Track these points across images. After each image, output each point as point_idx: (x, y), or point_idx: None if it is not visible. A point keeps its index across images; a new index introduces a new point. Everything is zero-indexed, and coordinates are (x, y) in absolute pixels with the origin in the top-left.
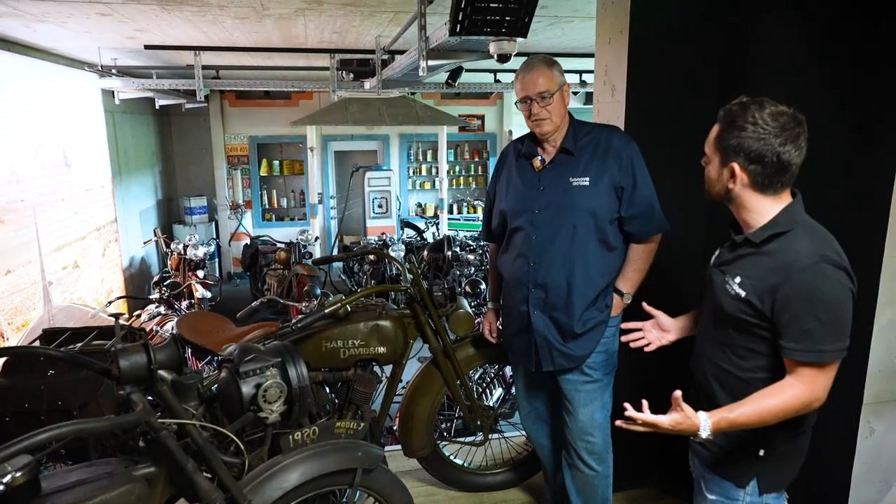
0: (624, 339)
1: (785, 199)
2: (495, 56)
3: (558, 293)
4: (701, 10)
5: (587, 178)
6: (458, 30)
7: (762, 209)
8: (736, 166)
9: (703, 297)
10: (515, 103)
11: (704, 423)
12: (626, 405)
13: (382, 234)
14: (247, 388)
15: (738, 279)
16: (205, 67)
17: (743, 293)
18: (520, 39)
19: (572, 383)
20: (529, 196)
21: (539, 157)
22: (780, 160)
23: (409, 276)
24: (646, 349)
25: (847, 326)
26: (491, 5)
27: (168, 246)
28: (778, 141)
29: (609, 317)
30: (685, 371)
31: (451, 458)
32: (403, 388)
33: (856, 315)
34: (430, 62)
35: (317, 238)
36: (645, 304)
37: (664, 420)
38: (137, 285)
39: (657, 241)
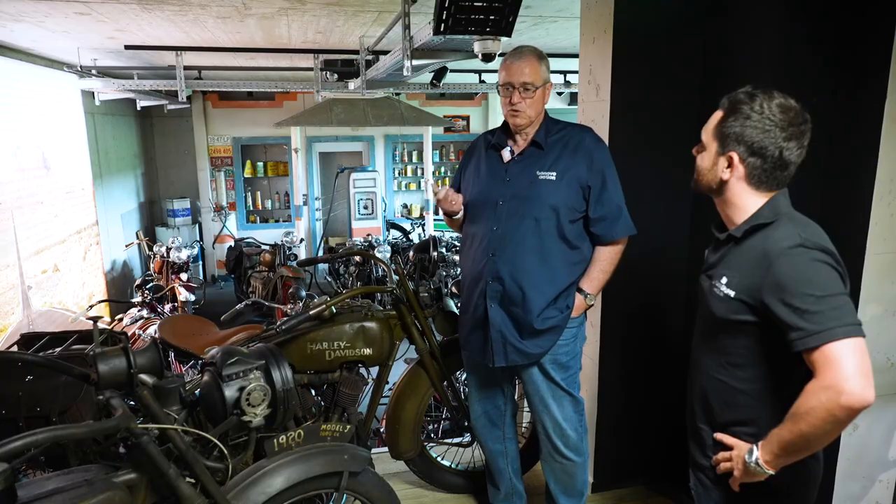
0: None
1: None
2: (480, 55)
3: (516, 287)
4: (685, 8)
5: (554, 173)
6: (442, 29)
7: (749, 206)
8: (735, 156)
9: (696, 309)
10: (496, 88)
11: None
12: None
13: (368, 235)
14: (230, 392)
15: (724, 279)
16: (187, 68)
17: (732, 293)
18: (504, 39)
19: (536, 385)
20: (494, 187)
21: (508, 149)
22: (782, 156)
23: (395, 277)
24: None
25: (846, 301)
26: (475, 4)
27: (150, 249)
28: (783, 135)
29: (569, 318)
30: (679, 387)
31: (439, 459)
32: (390, 389)
33: None
34: (415, 62)
35: (302, 240)
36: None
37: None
38: (120, 289)
39: (623, 244)
